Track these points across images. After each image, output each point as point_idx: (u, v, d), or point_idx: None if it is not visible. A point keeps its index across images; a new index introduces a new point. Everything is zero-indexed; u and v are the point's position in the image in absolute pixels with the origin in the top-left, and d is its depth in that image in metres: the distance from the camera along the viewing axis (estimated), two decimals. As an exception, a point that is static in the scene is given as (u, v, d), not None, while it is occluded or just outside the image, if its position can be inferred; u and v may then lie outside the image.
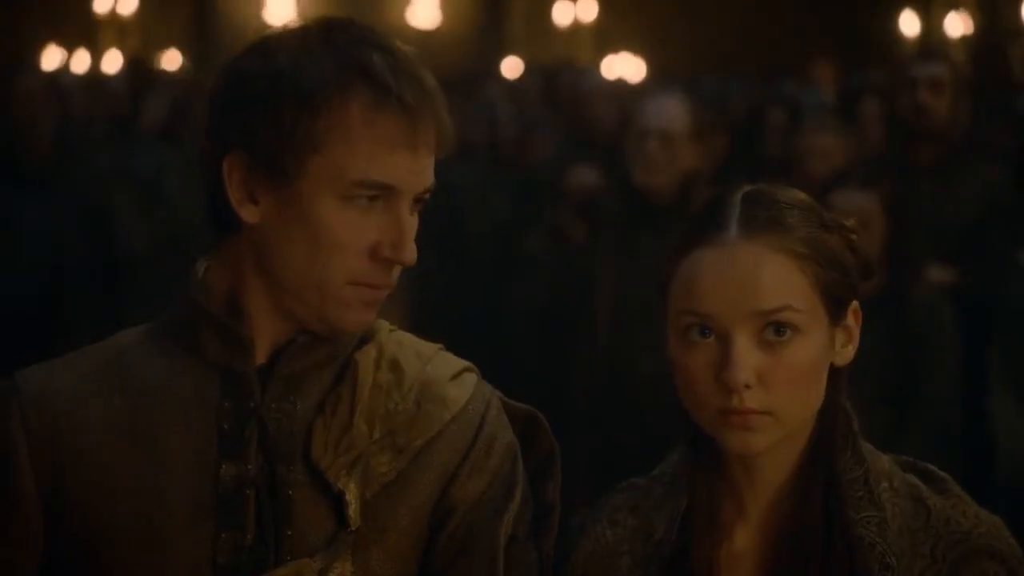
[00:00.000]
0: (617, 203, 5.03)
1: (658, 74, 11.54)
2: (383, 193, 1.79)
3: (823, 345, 1.79)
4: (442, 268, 8.36)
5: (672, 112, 4.93)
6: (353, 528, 1.81)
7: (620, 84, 9.05)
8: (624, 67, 12.14)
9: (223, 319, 1.84)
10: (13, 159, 5.54)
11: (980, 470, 4.41)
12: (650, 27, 15.32)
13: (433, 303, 8.84)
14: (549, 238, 5.66)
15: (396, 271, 1.83)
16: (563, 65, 10.40)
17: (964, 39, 13.22)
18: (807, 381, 1.78)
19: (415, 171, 1.80)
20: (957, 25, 13.56)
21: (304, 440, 1.83)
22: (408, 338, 1.93)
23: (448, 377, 1.91)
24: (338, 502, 1.82)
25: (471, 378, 1.93)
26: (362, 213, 1.79)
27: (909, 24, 13.88)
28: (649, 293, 5.86)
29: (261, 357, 1.85)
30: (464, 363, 1.94)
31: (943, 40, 13.23)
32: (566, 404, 5.10)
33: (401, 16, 16.40)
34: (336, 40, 1.80)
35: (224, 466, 1.81)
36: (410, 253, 1.81)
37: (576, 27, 16.07)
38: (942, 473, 1.83)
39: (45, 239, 5.46)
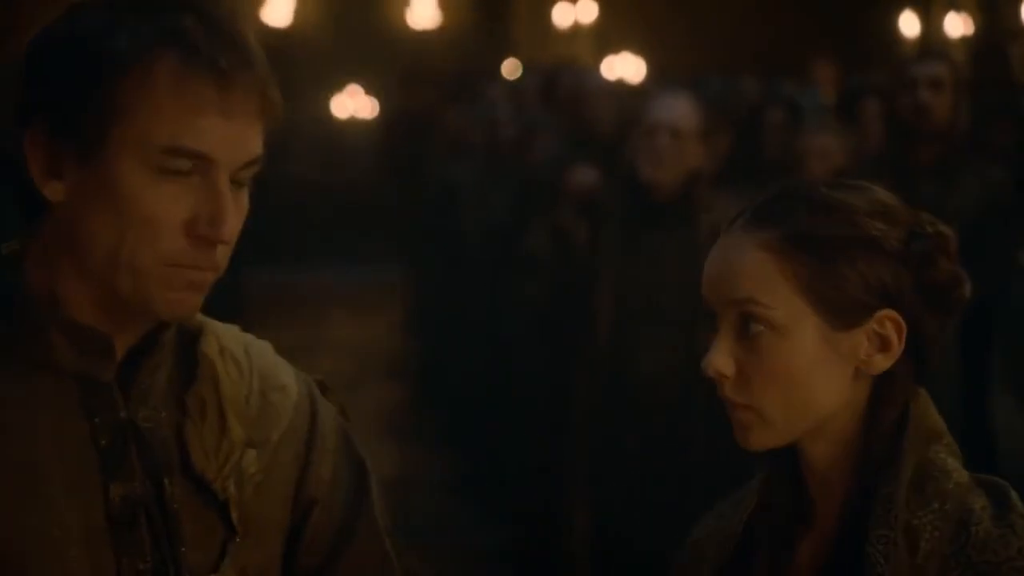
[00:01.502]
0: (620, 201, 5.04)
1: (658, 74, 11.54)
2: (198, 164, 1.63)
3: (815, 349, 1.74)
4: (442, 268, 8.36)
5: (682, 109, 4.94)
6: (240, 536, 1.72)
7: (620, 84, 9.05)
8: (624, 67, 12.15)
9: (80, 321, 1.66)
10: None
11: (980, 470, 4.40)
12: (650, 27, 15.31)
13: (433, 303, 8.84)
14: (550, 238, 5.65)
15: (222, 252, 1.66)
16: (563, 65, 10.40)
17: (964, 39, 13.21)
18: (792, 383, 1.74)
19: (231, 139, 1.64)
20: (957, 25, 13.56)
21: (179, 449, 1.71)
22: (218, 323, 1.80)
23: (272, 362, 1.82)
24: (224, 511, 1.72)
25: (281, 359, 1.83)
26: (176, 187, 1.63)
27: (909, 24, 13.87)
28: (651, 292, 5.85)
29: None
30: (265, 342, 1.83)
31: (943, 40, 13.22)
32: (567, 404, 5.10)
33: (401, 16, 16.40)
34: (150, 4, 1.66)
35: (112, 487, 1.65)
36: (229, 230, 1.64)
37: (576, 28, 16.07)
38: (1020, 503, 1.75)
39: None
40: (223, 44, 1.64)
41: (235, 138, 1.65)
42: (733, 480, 5.43)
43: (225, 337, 1.79)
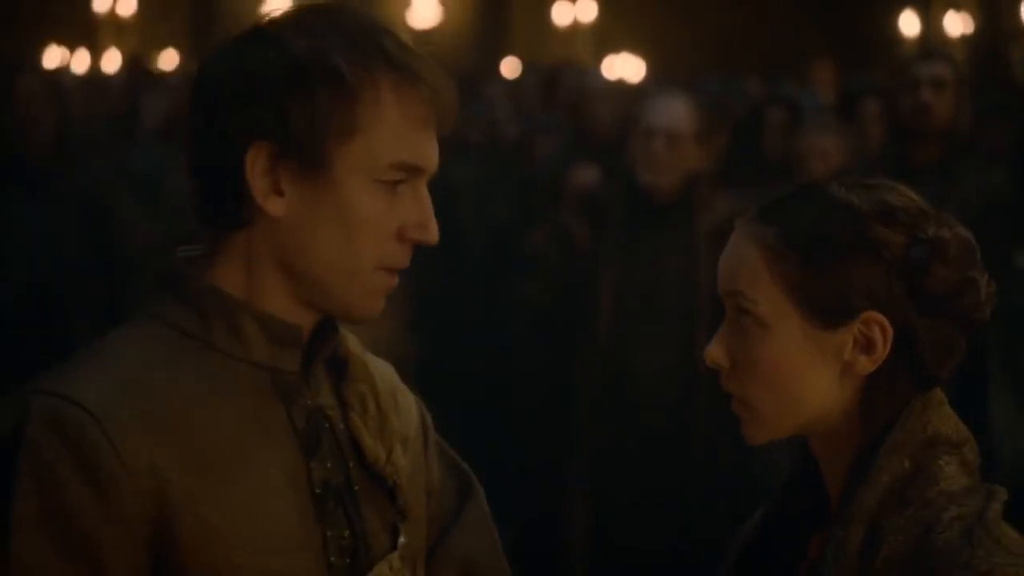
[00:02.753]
0: (619, 202, 5.04)
1: (658, 74, 11.54)
2: (409, 175, 1.77)
3: (796, 346, 1.77)
4: (442, 267, 8.35)
5: (678, 112, 4.94)
6: (407, 520, 1.86)
7: (620, 84, 9.05)
8: (624, 67, 12.14)
9: (275, 316, 1.78)
10: (13, 158, 5.53)
11: (981, 474, 4.40)
12: (650, 27, 15.32)
13: (434, 303, 8.83)
14: (551, 237, 5.66)
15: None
16: (563, 65, 10.39)
17: (964, 38, 13.22)
18: (774, 377, 1.77)
19: (434, 150, 1.80)
20: (957, 24, 13.57)
21: (348, 436, 1.83)
22: None
23: (385, 366, 1.96)
24: (391, 495, 1.85)
25: None
26: (390, 195, 1.76)
27: (909, 24, 13.88)
28: (650, 292, 5.83)
29: None
30: None
31: (943, 39, 13.22)
32: (567, 404, 5.10)
33: (401, 15, 16.40)
34: (341, 23, 1.77)
35: (313, 467, 1.78)
36: (436, 232, 1.80)
37: (575, 27, 16.08)
38: (1002, 523, 1.73)
39: (45, 239, 5.45)
40: (420, 59, 1.77)
41: (435, 147, 1.80)
42: (732, 479, 5.42)
43: (356, 340, 1.90)
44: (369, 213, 1.75)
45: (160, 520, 1.69)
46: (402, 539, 1.84)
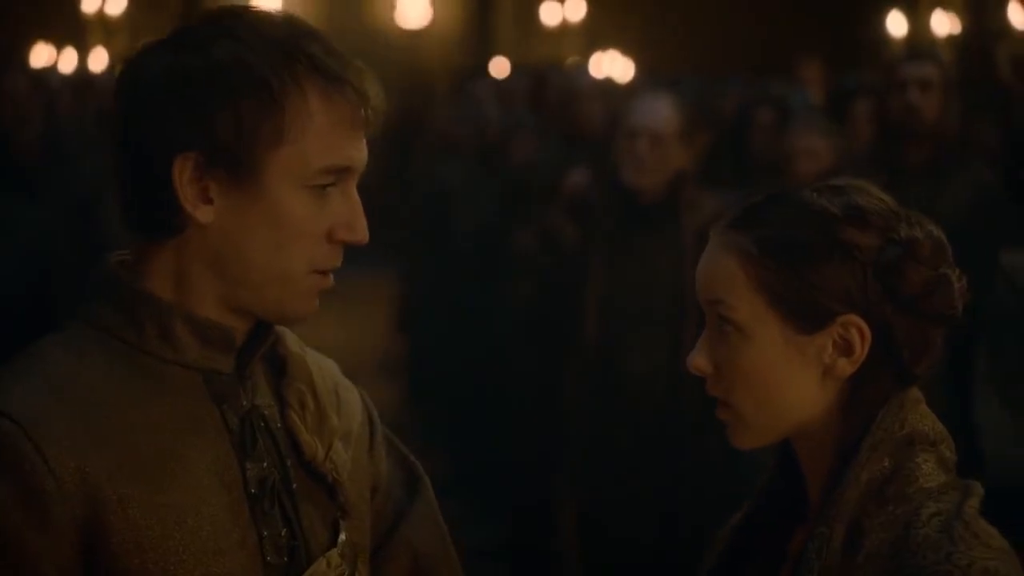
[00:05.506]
0: (606, 203, 5.05)
1: (646, 74, 11.55)
2: (339, 177, 1.78)
3: (777, 351, 1.79)
4: (433, 267, 8.36)
5: (662, 113, 4.95)
6: (349, 516, 1.86)
7: (608, 83, 9.06)
8: (612, 66, 12.14)
9: (208, 319, 1.78)
10: (1, 158, 5.52)
11: (966, 472, 4.41)
12: (638, 26, 15.33)
13: (425, 302, 8.84)
14: (539, 238, 5.67)
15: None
16: (551, 64, 10.40)
17: (950, 38, 13.23)
18: (757, 382, 1.79)
19: (362, 150, 1.80)
20: (943, 24, 13.58)
21: (286, 434, 1.84)
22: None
23: (331, 363, 1.97)
24: (331, 493, 1.85)
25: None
26: (320, 199, 1.77)
27: (896, 24, 13.89)
28: (639, 292, 5.85)
29: None
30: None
31: (930, 39, 13.24)
32: (557, 403, 5.11)
33: (389, 16, 16.40)
34: (265, 28, 1.76)
35: (247, 467, 1.79)
36: (365, 232, 1.80)
37: (564, 26, 16.09)
38: (979, 518, 1.76)
39: (33, 239, 5.45)
40: (345, 63, 1.77)
41: (363, 148, 1.80)
42: (722, 478, 5.43)
43: (296, 338, 1.91)
44: (299, 218, 1.75)
45: (91, 525, 1.69)
46: (342, 536, 1.85)
